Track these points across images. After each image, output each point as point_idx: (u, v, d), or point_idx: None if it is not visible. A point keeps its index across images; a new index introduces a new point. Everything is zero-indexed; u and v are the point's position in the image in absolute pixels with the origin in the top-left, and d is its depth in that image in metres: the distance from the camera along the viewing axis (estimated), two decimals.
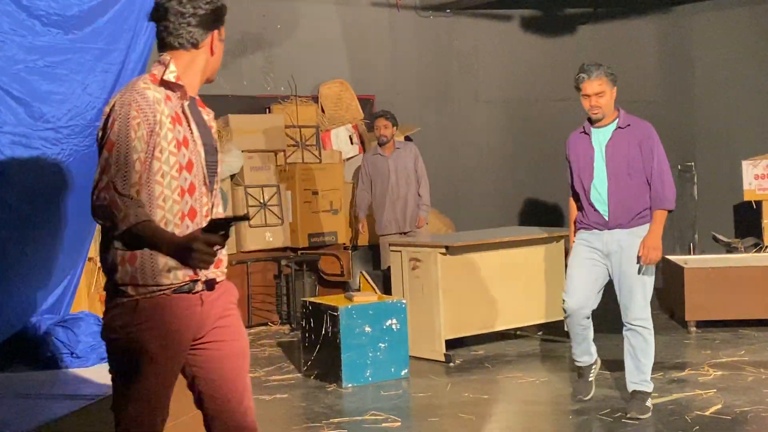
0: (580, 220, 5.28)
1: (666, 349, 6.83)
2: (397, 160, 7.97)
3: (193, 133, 2.76)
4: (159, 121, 2.67)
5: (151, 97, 2.67)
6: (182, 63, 2.78)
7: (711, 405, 5.23)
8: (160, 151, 2.67)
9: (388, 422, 5.11)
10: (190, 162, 2.73)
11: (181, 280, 2.70)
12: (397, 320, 6.15)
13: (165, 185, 2.69)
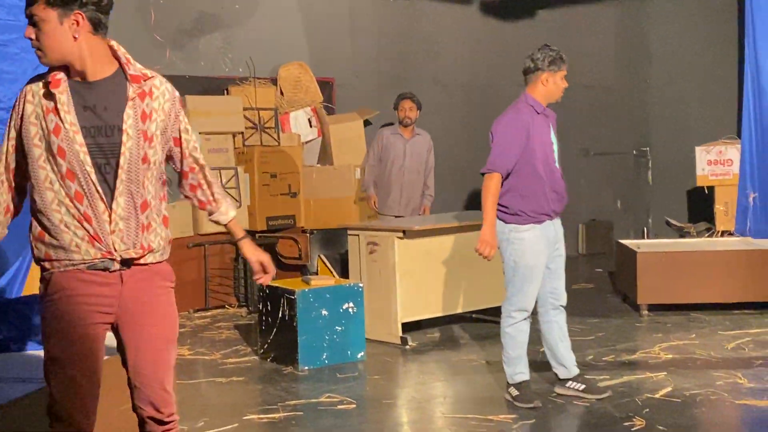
0: (531, 210, 5.00)
1: (618, 332, 6.95)
2: (414, 146, 8.10)
3: (64, 120, 2.85)
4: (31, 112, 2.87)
5: (26, 89, 2.91)
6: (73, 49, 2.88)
7: (661, 388, 5.32)
8: (39, 139, 2.86)
9: (344, 405, 5.14)
10: (61, 148, 2.85)
11: (93, 256, 2.87)
12: (354, 304, 6.17)
13: (48, 170, 2.87)
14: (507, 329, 5.14)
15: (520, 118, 5.03)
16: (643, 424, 4.64)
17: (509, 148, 4.97)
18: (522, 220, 5.01)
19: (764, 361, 5.90)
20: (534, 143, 5.01)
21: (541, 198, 5.03)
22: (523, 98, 5.13)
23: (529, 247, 5.03)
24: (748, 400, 5.03)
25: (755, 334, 6.71)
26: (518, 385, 5.13)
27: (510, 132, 5.00)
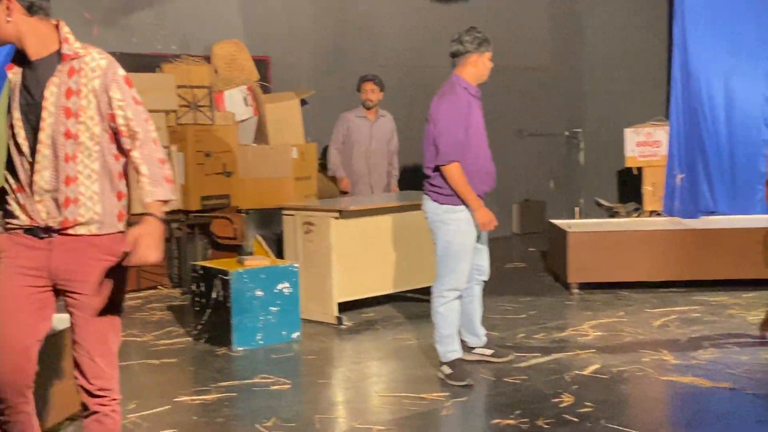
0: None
1: (549, 310, 7.08)
2: (379, 128, 8.14)
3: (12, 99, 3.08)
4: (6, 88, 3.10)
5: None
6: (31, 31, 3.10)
7: (590, 364, 5.45)
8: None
9: (278, 385, 5.16)
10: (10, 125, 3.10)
11: (23, 223, 3.12)
12: (290, 284, 6.18)
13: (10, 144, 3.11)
14: (439, 309, 5.22)
15: (460, 101, 5.11)
16: (572, 401, 4.75)
17: (455, 133, 5.05)
18: (457, 201, 5.09)
19: (689, 338, 6.08)
20: (471, 125, 5.11)
21: (476, 179, 5.12)
22: (456, 81, 5.19)
23: (463, 228, 5.12)
24: (672, 377, 5.18)
25: (681, 311, 6.90)
26: (451, 363, 5.21)
27: (454, 117, 5.07)
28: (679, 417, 4.74)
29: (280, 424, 4.48)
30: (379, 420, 4.58)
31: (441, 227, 5.16)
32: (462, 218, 5.11)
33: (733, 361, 5.44)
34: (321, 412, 4.70)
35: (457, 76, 5.20)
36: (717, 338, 6.04)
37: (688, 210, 8.67)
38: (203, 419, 4.61)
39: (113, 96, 3.10)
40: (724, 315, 6.76)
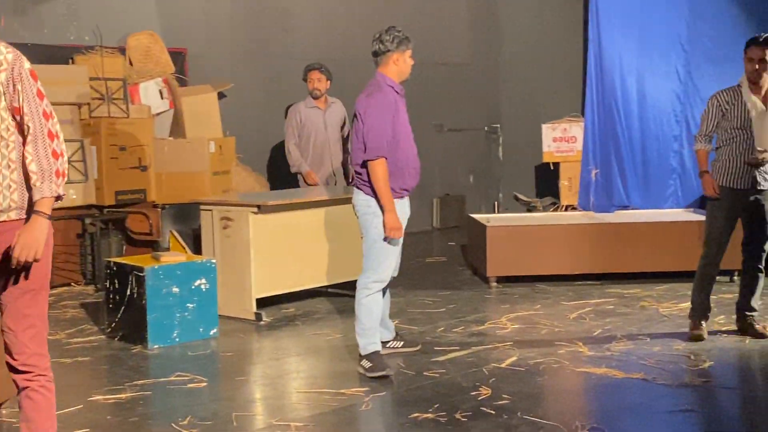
0: (396, 186, 5.17)
1: (468, 304, 7.14)
2: (331, 115, 8.01)
3: None
4: None
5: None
6: None
7: (507, 357, 5.51)
8: None
9: (194, 383, 5.07)
10: None
11: None
12: (207, 280, 6.08)
13: None
14: (363, 300, 5.24)
15: (387, 98, 5.18)
16: (489, 393, 4.79)
17: (384, 130, 5.11)
18: None
19: (603, 330, 6.20)
20: (398, 122, 5.18)
21: (405, 174, 5.22)
22: (382, 79, 5.25)
23: None
24: (587, 368, 5.27)
25: (596, 304, 7.03)
26: (370, 356, 5.23)
27: (380, 114, 5.13)
28: (594, 408, 4.82)
29: (196, 423, 4.41)
30: (297, 417, 4.54)
31: (371, 220, 5.20)
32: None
33: (645, 353, 5.57)
34: (238, 410, 4.63)
35: (382, 74, 5.25)
36: (630, 330, 6.17)
37: (602, 204, 8.85)
38: (117, 418, 4.50)
39: (18, 89, 3.17)
40: (637, 307, 6.91)
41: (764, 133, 5.71)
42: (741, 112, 5.76)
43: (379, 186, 5.09)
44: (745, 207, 5.85)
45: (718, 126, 5.86)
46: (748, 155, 5.74)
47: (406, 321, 6.56)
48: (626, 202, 8.90)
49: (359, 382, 5.07)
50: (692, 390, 4.89)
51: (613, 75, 8.88)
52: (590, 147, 8.90)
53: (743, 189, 5.79)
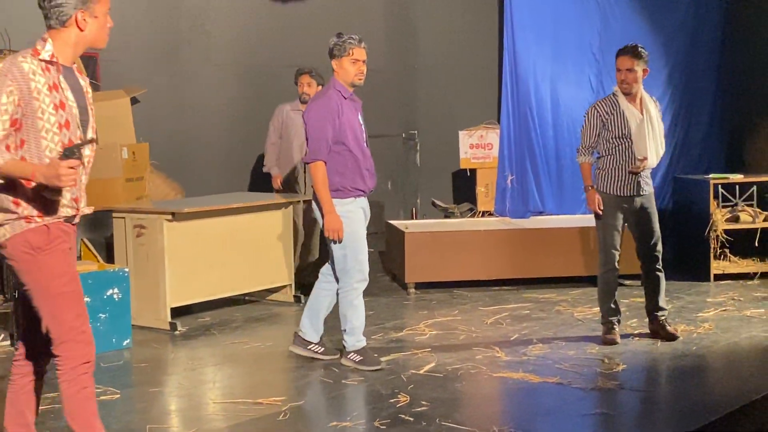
0: (350, 185, 5.36)
1: (386, 311, 7.15)
2: None
3: (68, 98, 3.41)
4: (34, 89, 3.32)
5: (26, 68, 3.33)
6: (58, 41, 3.45)
7: (425, 363, 5.53)
8: (41, 113, 3.33)
9: (107, 395, 4.95)
10: (68, 121, 3.39)
11: (69, 214, 3.46)
12: (119, 289, 5.96)
13: (49, 140, 3.36)
14: (355, 302, 5.40)
15: (329, 103, 5.35)
16: (407, 400, 4.80)
17: (323, 133, 5.28)
18: (343, 194, 5.35)
19: (520, 335, 6.27)
20: (344, 125, 5.34)
21: (357, 175, 5.40)
22: (332, 83, 5.47)
23: (355, 218, 5.38)
24: (504, 373, 5.33)
25: (512, 309, 7.11)
26: (360, 351, 5.38)
27: (321, 118, 5.31)
28: (511, 412, 4.88)
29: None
30: (213, 428, 4.47)
31: None
32: (351, 209, 5.37)
33: (560, 357, 5.65)
34: (153, 422, 4.54)
35: (334, 79, 5.47)
36: (546, 334, 6.26)
37: (518, 210, 8.97)
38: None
39: None
40: (553, 311, 7.02)
41: (642, 141, 5.89)
42: (620, 122, 5.92)
43: (318, 188, 5.31)
44: (632, 212, 5.99)
45: (599, 136, 5.99)
46: (630, 163, 5.90)
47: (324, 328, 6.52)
48: (541, 208, 9.04)
49: (277, 392, 5.02)
50: (605, 393, 4.99)
51: (528, 82, 9.02)
52: (506, 154, 9.02)
53: (629, 195, 5.95)
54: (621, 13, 9.21)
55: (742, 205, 8.25)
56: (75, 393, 3.49)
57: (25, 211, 3.38)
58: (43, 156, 3.34)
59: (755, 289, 7.73)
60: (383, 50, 11.52)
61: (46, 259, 3.39)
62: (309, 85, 7.78)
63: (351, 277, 5.38)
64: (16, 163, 3.31)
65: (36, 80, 3.33)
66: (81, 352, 3.47)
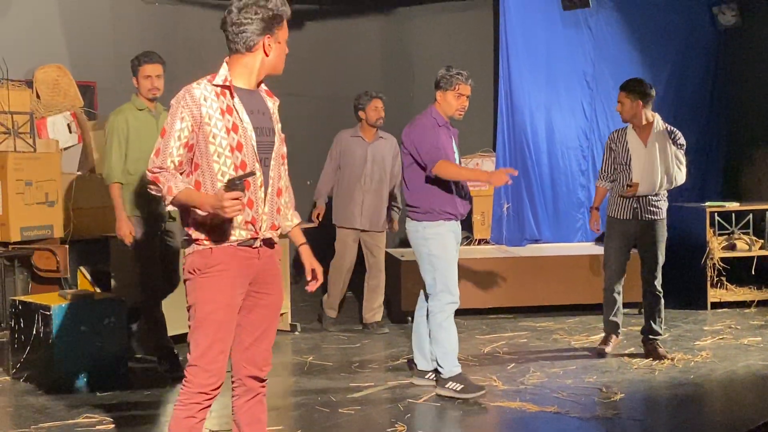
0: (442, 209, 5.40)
1: (383, 339, 7.14)
2: (377, 150, 7.40)
3: (242, 120, 3.43)
4: (206, 114, 3.38)
5: (198, 94, 3.42)
6: (238, 65, 3.55)
7: (423, 393, 5.51)
8: (213, 137, 3.38)
9: (103, 425, 4.93)
10: (240, 144, 3.41)
11: (245, 237, 3.45)
12: (116, 318, 5.92)
13: (221, 163, 3.39)
14: (444, 324, 5.42)
15: (427, 123, 5.52)
16: (405, 429, 4.78)
17: (432, 142, 5.38)
18: (433, 217, 5.40)
19: (517, 363, 6.26)
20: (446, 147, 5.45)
21: (448, 199, 5.43)
22: (429, 111, 5.61)
23: (444, 241, 5.41)
24: (502, 402, 5.32)
25: (509, 337, 7.10)
26: (458, 378, 5.37)
27: (425, 132, 5.46)
28: None
29: None
30: None
31: (424, 243, 5.43)
32: (441, 231, 5.41)
33: (558, 385, 5.64)
34: None
35: (432, 107, 5.62)
36: (543, 363, 6.25)
37: (514, 238, 8.98)
38: None
39: None
40: (550, 340, 7.01)
41: (638, 169, 6.26)
42: (623, 150, 6.34)
43: (461, 175, 5.42)
44: (635, 235, 6.36)
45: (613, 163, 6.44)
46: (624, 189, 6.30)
47: (320, 357, 6.52)
48: (537, 236, 9.06)
49: (274, 421, 4.98)
50: (603, 422, 4.97)
51: (523, 111, 9.07)
52: None
53: (630, 219, 6.31)
54: (614, 41, 9.30)
55: (738, 233, 8.28)
56: (183, 418, 3.45)
57: (194, 234, 3.44)
58: (216, 179, 3.39)
59: (752, 317, 7.74)
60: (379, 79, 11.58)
61: (202, 282, 3.42)
62: (382, 109, 7.51)
63: (440, 299, 5.43)
64: (189, 193, 3.35)
65: (208, 105, 3.39)
66: (203, 381, 3.42)
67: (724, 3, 9.47)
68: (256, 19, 3.47)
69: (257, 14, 3.46)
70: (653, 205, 6.30)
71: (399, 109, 11.64)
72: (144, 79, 6.18)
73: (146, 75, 6.17)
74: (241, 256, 3.46)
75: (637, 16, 9.36)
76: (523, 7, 8.99)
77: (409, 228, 5.55)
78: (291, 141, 11.05)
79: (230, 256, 3.44)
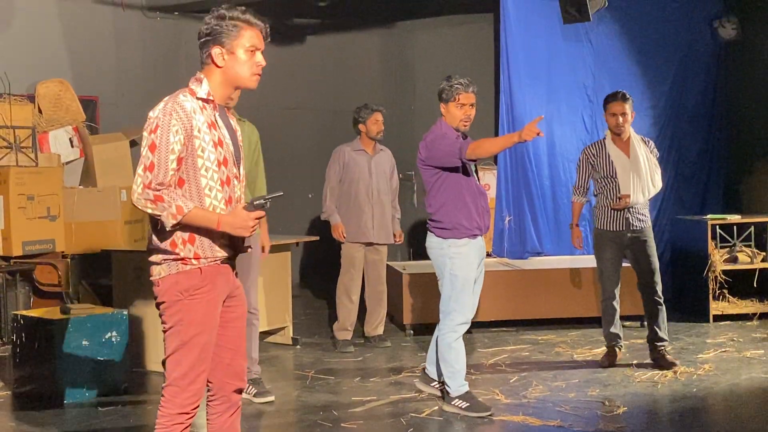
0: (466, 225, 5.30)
1: (384, 352, 7.13)
2: (379, 162, 7.41)
3: (225, 135, 3.45)
4: (195, 127, 3.35)
5: (188, 107, 3.37)
6: (210, 79, 3.47)
7: (426, 407, 5.50)
8: (201, 150, 3.36)
9: None
10: (225, 158, 3.42)
11: (228, 254, 3.45)
12: (118, 332, 5.93)
13: (209, 177, 3.38)
14: (453, 344, 5.38)
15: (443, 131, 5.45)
16: None
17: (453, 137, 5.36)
18: (459, 234, 5.31)
19: (519, 377, 6.25)
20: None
21: (474, 213, 5.35)
22: (437, 126, 5.53)
23: (468, 260, 5.32)
24: (505, 416, 5.30)
25: (511, 350, 7.10)
26: (465, 397, 5.33)
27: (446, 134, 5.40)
28: None
29: None
30: None
31: (447, 262, 5.34)
32: (464, 251, 5.31)
33: (560, 399, 5.63)
34: None
35: (440, 120, 5.55)
36: (546, 376, 6.24)
37: (516, 251, 8.98)
38: None
39: None
40: (552, 353, 7.00)
41: (626, 180, 6.31)
42: (606, 163, 6.38)
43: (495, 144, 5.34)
44: (627, 246, 6.39)
45: (592, 177, 6.50)
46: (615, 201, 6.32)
47: (322, 370, 6.51)
48: (539, 249, 9.05)
49: None
50: None
51: (524, 124, 9.05)
52: (503, 195, 9.04)
53: (620, 230, 6.34)
54: (614, 54, 9.32)
55: (740, 245, 8.27)
56: None
57: (182, 253, 3.37)
58: (203, 195, 3.36)
59: (754, 330, 7.73)
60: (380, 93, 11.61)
61: (191, 305, 3.38)
62: (383, 123, 7.46)
63: (452, 319, 5.37)
64: (200, 212, 3.33)
65: (196, 118, 3.36)
66: (183, 401, 3.40)
67: (724, 16, 9.49)
68: (213, 31, 3.43)
69: (217, 26, 3.43)
70: (641, 214, 6.39)
71: (400, 122, 11.68)
72: None
73: None
74: (223, 273, 3.47)
75: (638, 30, 9.38)
76: (523, 21, 9.01)
77: (432, 244, 5.41)
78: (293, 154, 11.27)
79: (216, 275, 3.43)
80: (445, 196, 5.35)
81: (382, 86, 11.65)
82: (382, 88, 11.65)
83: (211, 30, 3.43)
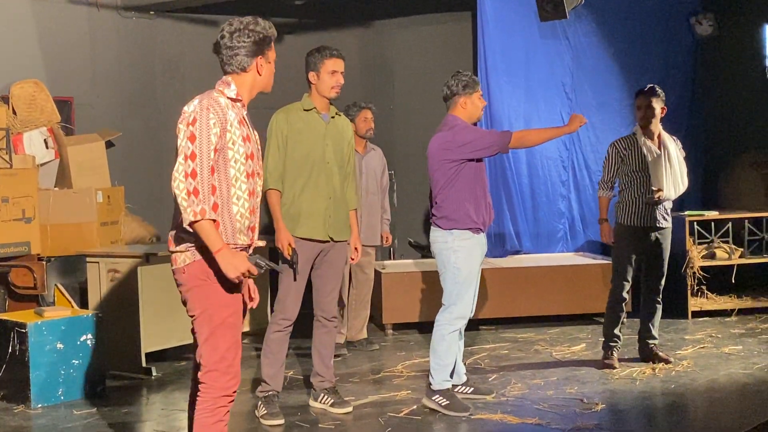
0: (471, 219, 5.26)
1: (364, 352, 7.09)
2: (369, 162, 7.30)
3: (252, 133, 3.68)
4: (228, 121, 3.55)
5: (222, 102, 3.60)
6: (238, 83, 3.68)
7: (404, 406, 5.48)
8: (232, 143, 3.56)
9: None
10: (252, 153, 3.64)
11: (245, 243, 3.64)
12: (93, 335, 5.87)
13: (236, 169, 3.57)
14: (447, 336, 5.34)
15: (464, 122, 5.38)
16: None
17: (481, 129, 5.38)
18: (463, 225, 5.27)
19: (498, 375, 6.24)
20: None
21: (481, 208, 5.33)
22: (453, 119, 5.42)
23: (471, 254, 5.30)
24: (483, 414, 5.28)
25: (490, 348, 7.08)
26: (446, 393, 5.30)
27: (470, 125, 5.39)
28: None
29: None
30: None
31: (450, 255, 5.30)
32: (469, 245, 5.28)
33: (539, 397, 5.62)
34: None
35: (453, 116, 5.42)
36: (524, 374, 6.23)
37: (495, 250, 8.96)
38: None
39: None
40: (531, 351, 6.99)
41: (659, 174, 6.20)
42: (638, 156, 6.24)
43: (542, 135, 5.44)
44: (647, 244, 6.28)
45: (619, 171, 6.33)
46: (647, 195, 6.18)
47: (301, 371, 6.47)
48: (518, 247, 9.04)
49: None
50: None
51: (502, 122, 9.05)
52: None
53: (646, 227, 6.23)
54: (592, 52, 9.32)
55: (718, 241, 8.30)
56: (211, 424, 3.54)
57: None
58: (230, 184, 3.55)
59: (732, 325, 7.75)
60: (359, 92, 11.56)
61: (216, 288, 3.53)
62: (372, 120, 7.40)
63: (451, 312, 5.36)
64: (213, 228, 3.45)
65: (229, 114, 3.57)
66: (226, 384, 3.54)
67: (701, 13, 9.53)
68: (248, 42, 3.66)
69: (249, 37, 3.66)
70: (667, 212, 6.33)
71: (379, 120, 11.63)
72: (328, 76, 5.68)
73: (331, 70, 5.67)
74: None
75: (615, 27, 9.39)
76: (501, 19, 9.00)
77: (436, 237, 5.37)
78: None
79: None
80: (458, 188, 5.31)
81: (360, 85, 11.61)
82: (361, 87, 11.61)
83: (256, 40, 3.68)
